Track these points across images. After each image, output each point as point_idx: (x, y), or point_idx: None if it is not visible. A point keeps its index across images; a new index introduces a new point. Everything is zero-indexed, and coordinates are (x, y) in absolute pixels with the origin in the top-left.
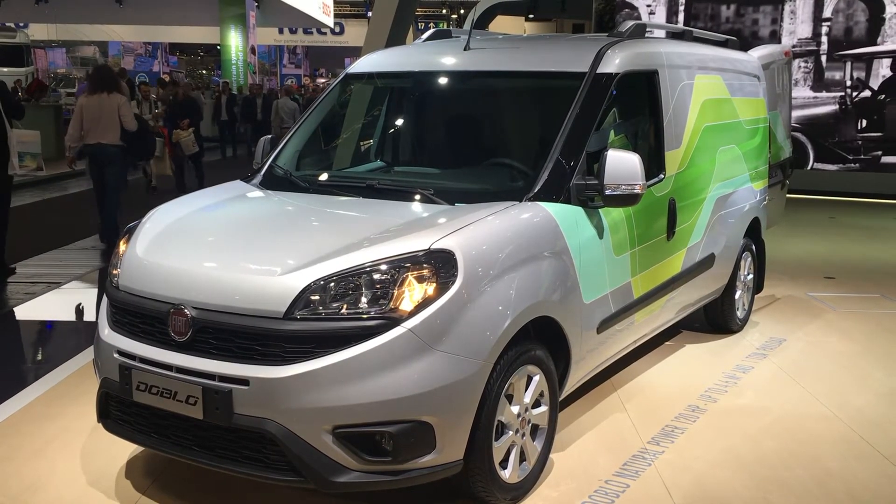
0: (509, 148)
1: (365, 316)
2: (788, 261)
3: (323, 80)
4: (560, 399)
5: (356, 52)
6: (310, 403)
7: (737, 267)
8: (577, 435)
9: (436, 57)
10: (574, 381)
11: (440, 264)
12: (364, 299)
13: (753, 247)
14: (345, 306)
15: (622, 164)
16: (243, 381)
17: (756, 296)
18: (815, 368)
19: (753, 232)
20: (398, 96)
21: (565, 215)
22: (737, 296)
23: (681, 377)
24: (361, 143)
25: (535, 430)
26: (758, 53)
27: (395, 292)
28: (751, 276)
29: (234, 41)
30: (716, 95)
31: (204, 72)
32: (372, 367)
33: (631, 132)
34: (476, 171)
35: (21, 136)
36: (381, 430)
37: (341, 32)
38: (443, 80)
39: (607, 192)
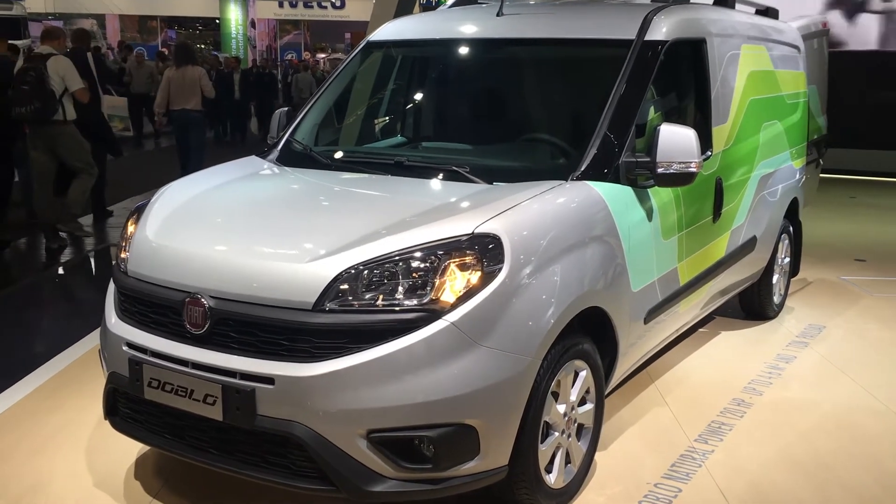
0: (548, 122)
1: (402, 308)
2: (816, 242)
3: (323, 56)
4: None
5: (357, 27)
6: (341, 405)
7: (775, 250)
8: (617, 432)
9: (466, 24)
10: (618, 375)
11: (485, 250)
12: (401, 289)
13: (791, 229)
14: (380, 297)
15: (677, 139)
16: (268, 380)
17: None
18: (861, 358)
19: (792, 213)
20: (424, 66)
21: (615, 196)
22: (774, 280)
23: (721, 368)
24: (384, 118)
25: (580, 429)
26: (796, 24)
27: (436, 282)
28: (787, 259)
29: (234, 14)
30: (761, 67)
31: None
32: (410, 364)
33: (677, 105)
34: (512, 147)
35: (111, 101)
36: (421, 435)
37: (342, 6)
38: (473, 49)
39: (660, 170)
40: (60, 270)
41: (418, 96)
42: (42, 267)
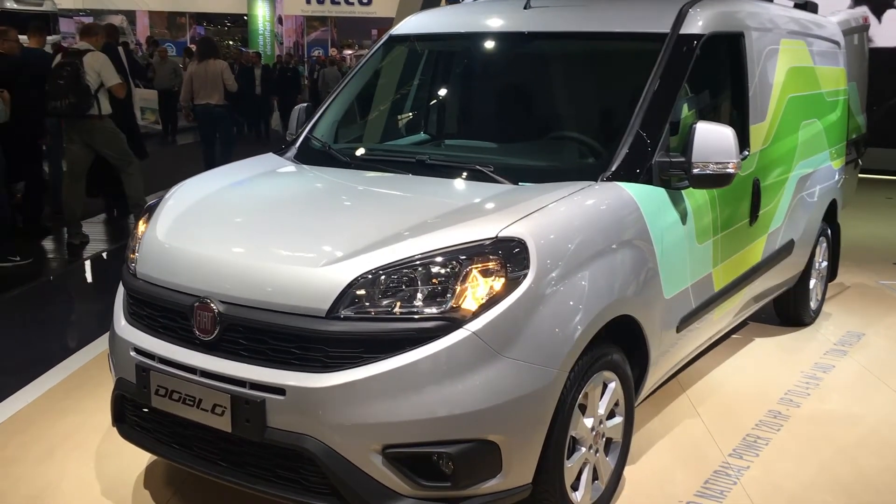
0: (576, 120)
1: (421, 316)
2: (852, 245)
3: (350, 52)
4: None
5: (383, 24)
6: (356, 418)
7: (813, 254)
8: (647, 445)
9: (492, 16)
10: (649, 386)
11: (509, 255)
12: (420, 296)
13: (829, 231)
14: (397, 304)
15: (714, 138)
16: (278, 390)
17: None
18: None
19: (830, 215)
20: (448, 61)
21: (647, 198)
22: (811, 285)
23: (755, 377)
24: (406, 114)
25: (608, 444)
26: (836, 18)
27: (457, 288)
28: (825, 263)
29: (262, 11)
30: (800, 63)
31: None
32: (429, 376)
33: (713, 103)
34: (539, 145)
35: (142, 94)
36: (440, 451)
37: (369, 3)
38: (500, 43)
39: (695, 170)
40: (84, 266)
41: (442, 92)
42: (65, 262)
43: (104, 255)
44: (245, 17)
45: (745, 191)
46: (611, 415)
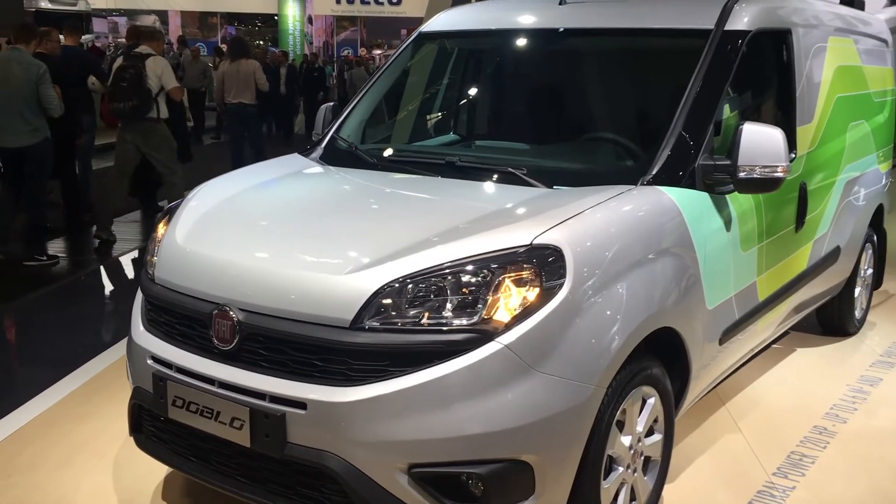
0: (614, 120)
1: (451, 328)
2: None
3: (379, 52)
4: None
5: (413, 23)
6: (381, 435)
7: (858, 260)
8: (686, 461)
9: (525, 13)
10: (689, 401)
11: (544, 264)
12: (449, 306)
13: (875, 237)
14: (426, 315)
15: (761, 140)
16: (299, 404)
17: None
18: None
19: (876, 221)
20: (479, 59)
21: (690, 203)
22: (856, 294)
23: (798, 390)
24: (436, 114)
25: (646, 462)
26: (884, 15)
27: (489, 299)
28: (870, 270)
29: (292, 10)
30: (847, 62)
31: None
32: (459, 392)
33: (758, 103)
34: (574, 147)
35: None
36: (469, 472)
37: (398, 3)
38: (533, 40)
39: (741, 174)
40: (112, 265)
41: (472, 91)
42: (92, 262)
43: (133, 255)
44: (275, 17)
45: (791, 195)
46: (649, 432)
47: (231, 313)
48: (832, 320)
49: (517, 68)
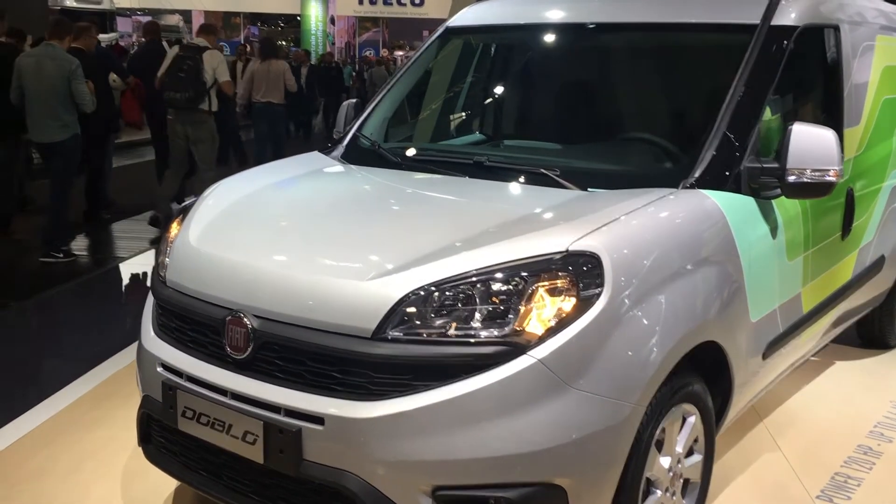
0: (652, 119)
1: (479, 340)
2: None
3: (402, 53)
4: None
5: (435, 25)
6: (403, 455)
7: None
8: (724, 481)
9: (556, 7)
10: (730, 419)
11: (581, 272)
12: (478, 317)
13: None
14: (453, 326)
15: (813, 142)
16: (316, 419)
17: None
18: None
19: None
20: (508, 55)
21: (735, 208)
22: None
23: (839, 406)
24: (462, 112)
25: (685, 485)
26: None
27: (521, 309)
28: None
29: (315, 11)
30: (895, 62)
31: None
32: (488, 409)
33: (805, 103)
34: (609, 147)
35: None
36: (498, 496)
37: (421, 4)
38: (565, 35)
39: (790, 178)
40: (132, 264)
41: (501, 88)
42: (111, 259)
43: (151, 253)
44: (298, 18)
45: (837, 201)
46: (689, 452)
47: (245, 320)
48: (873, 332)
49: (548, 64)
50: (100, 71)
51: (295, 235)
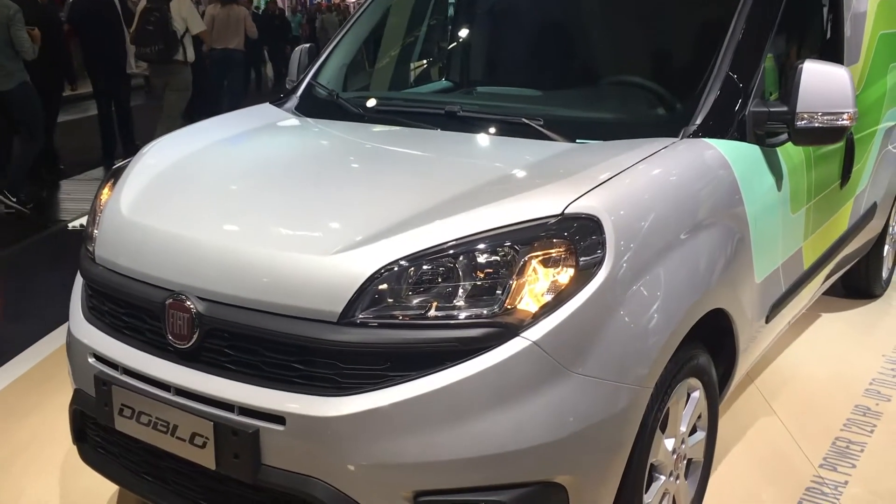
0: (644, 60)
1: (464, 321)
2: None
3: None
4: None
5: None
6: (378, 457)
7: (889, 216)
8: (721, 452)
9: None
10: (731, 389)
11: (579, 239)
12: (462, 294)
13: None
14: (433, 305)
15: (825, 82)
16: (276, 418)
17: None
18: None
19: None
20: None
21: (741, 158)
22: (884, 253)
23: (831, 362)
24: (427, 56)
25: (688, 465)
26: None
27: (512, 283)
28: None
29: None
30: None
31: None
32: (476, 401)
33: (806, 39)
34: (596, 93)
35: None
36: (490, 499)
37: None
38: None
39: (800, 122)
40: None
41: (469, 28)
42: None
43: None
44: None
45: (838, 147)
46: (692, 430)
47: (188, 303)
48: (858, 282)
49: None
50: (49, 19)
51: (244, 202)
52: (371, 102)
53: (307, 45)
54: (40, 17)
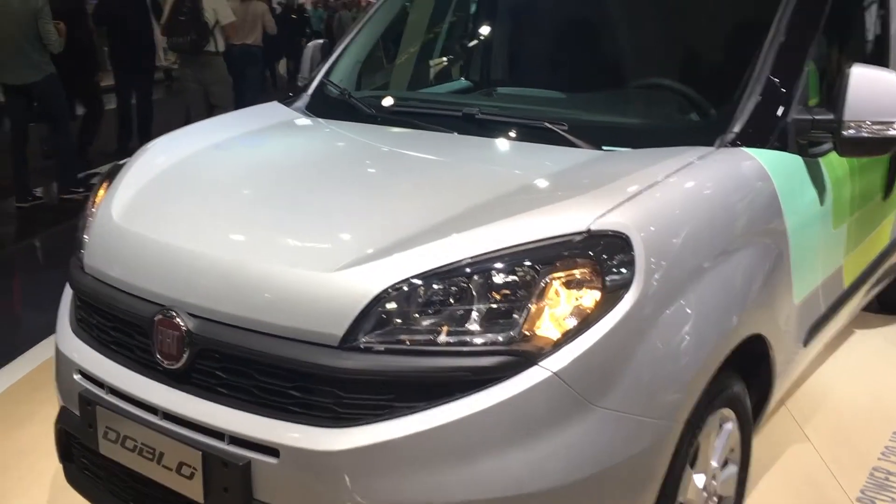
0: (676, 61)
1: (478, 348)
2: None
3: None
4: None
5: None
6: (380, 497)
7: None
8: (752, 481)
9: None
10: (765, 418)
11: (606, 259)
12: (476, 317)
13: None
14: (444, 330)
15: (875, 88)
16: (270, 450)
17: None
18: None
19: None
20: None
21: (782, 170)
22: None
23: (866, 384)
24: (446, 55)
25: (719, 502)
26: None
27: (531, 307)
28: None
29: None
30: None
31: None
32: (489, 437)
33: (851, 43)
34: (625, 96)
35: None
36: None
37: None
38: None
39: (847, 132)
40: None
41: (492, 25)
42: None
43: None
44: None
45: (883, 157)
46: (724, 462)
47: (178, 320)
48: (894, 297)
49: None
50: (76, 12)
51: (244, 211)
52: (384, 103)
53: (320, 41)
54: (67, 10)
